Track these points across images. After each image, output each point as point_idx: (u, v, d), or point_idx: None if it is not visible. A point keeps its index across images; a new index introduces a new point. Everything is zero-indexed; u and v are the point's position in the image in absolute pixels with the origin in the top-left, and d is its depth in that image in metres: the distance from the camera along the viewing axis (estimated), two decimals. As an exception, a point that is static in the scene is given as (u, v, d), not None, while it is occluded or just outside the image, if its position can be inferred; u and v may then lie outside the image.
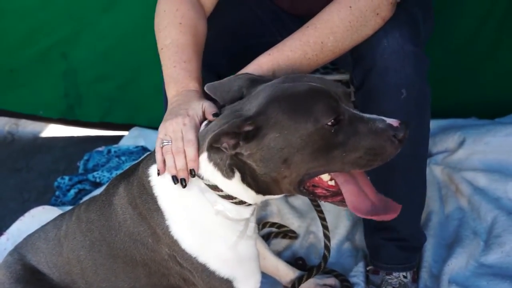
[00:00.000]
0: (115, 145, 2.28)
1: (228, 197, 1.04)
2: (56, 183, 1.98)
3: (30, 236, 1.31)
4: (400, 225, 1.33)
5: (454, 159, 1.85)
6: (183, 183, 1.01)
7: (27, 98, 2.46)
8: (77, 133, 2.61)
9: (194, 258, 1.07)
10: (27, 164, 2.32)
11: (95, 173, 1.97)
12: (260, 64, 1.12)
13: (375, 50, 1.15)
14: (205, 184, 1.04)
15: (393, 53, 1.14)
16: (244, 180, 1.01)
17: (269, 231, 1.64)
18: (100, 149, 2.26)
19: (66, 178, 1.97)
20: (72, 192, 1.88)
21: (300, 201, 1.77)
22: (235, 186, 1.02)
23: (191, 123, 1.03)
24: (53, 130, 2.67)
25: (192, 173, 1.01)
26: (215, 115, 1.02)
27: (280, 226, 1.64)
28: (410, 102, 1.18)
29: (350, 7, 1.12)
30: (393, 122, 0.95)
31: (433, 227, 1.60)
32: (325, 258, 1.35)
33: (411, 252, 1.39)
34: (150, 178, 1.09)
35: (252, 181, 1.01)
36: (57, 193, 1.93)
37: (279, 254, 1.56)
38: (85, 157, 2.20)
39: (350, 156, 0.95)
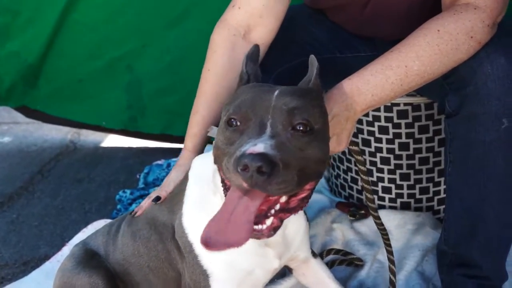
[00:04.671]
0: (175, 159, 2.27)
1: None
2: (117, 196, 1.98)
3: (96, 230, 1.40)
4: (485, 261, 1.24)
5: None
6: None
7: (91, 109, 2.51)
8: (136, 144, 2.64)
9: (186, 234, 1.09)
10: (89, 174, 2.35)
11: (156, 188, 1.96)
12: (339, 89, 1.07)
13: (477, 76, 1.08)
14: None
15: (497, 80, 1.06)
16: None
17: (334, 258, 1.57)
18: (159, 162, 2.26)
19: (128, 191, 1.97)
20: (134, 206, 1.87)
21: (366, 227, 1.69)
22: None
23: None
24: (114, 141, 2.71)
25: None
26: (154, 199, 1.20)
27: (346, 253, 1.57)
28: (511, 133, 1.10)
29: (438, 30, 1.06)
30: (253, 149, 0.82)
31: (511, 263, 1.49)
32: (390, 294, 1.29)
33: (491, 291, 1.30)
34: (192, 165, 1.18)
35: None
36: (118, 206, 1.93)
37: (344, 283, 1.48)
38: (145, 170, 2.21)
39: (222, 161, 0.91)
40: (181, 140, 2.47)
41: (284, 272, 1.45)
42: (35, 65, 2.38)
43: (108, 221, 1.73)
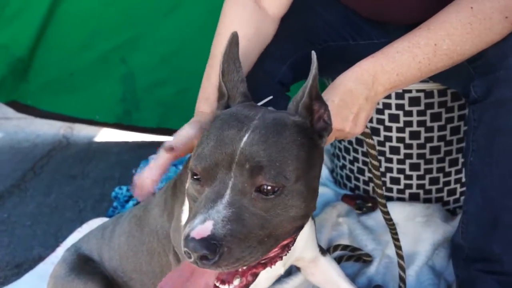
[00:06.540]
0: (172, 153, 2.20)
1: None
2: (113, 194, 1.91)
3: (89, 232, 1.34)
4: (507, 256, 1.17)
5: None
6: None
7: (84, 102, 2.44)
8: (132, 138, 2.57)
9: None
10: (82, 170, 2.27)
11: (153, 183, 1.89)
12: (361, 66, 1.00)
13: (508, 60, 1.02)
14: None
15: None
16: None
17: (341, 254, 1.50)
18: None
19: (124, 188, 1.90)
20: (131, 203, 1.80)
21: (374, 221, 1.63)
22: None
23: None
24: (108, 135, 2.64)
25: None
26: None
27: (354, 249, 1.50)
28: None
29: (472, 7, 0.99)
30: (198, 231, 0.74)
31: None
32: (401, 291, 1.23)
33: (511, 289, 1.23)
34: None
35: None
36: (114, 204, 1.86)
37: (352, 280, 1.41)
38: (142, 165, 2.13)
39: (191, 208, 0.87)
40: (178, 133, 2.43)
41: (290, 270, 1.39)
42: (25, 58, 2.30)
43: (105, 219, 1.68)
